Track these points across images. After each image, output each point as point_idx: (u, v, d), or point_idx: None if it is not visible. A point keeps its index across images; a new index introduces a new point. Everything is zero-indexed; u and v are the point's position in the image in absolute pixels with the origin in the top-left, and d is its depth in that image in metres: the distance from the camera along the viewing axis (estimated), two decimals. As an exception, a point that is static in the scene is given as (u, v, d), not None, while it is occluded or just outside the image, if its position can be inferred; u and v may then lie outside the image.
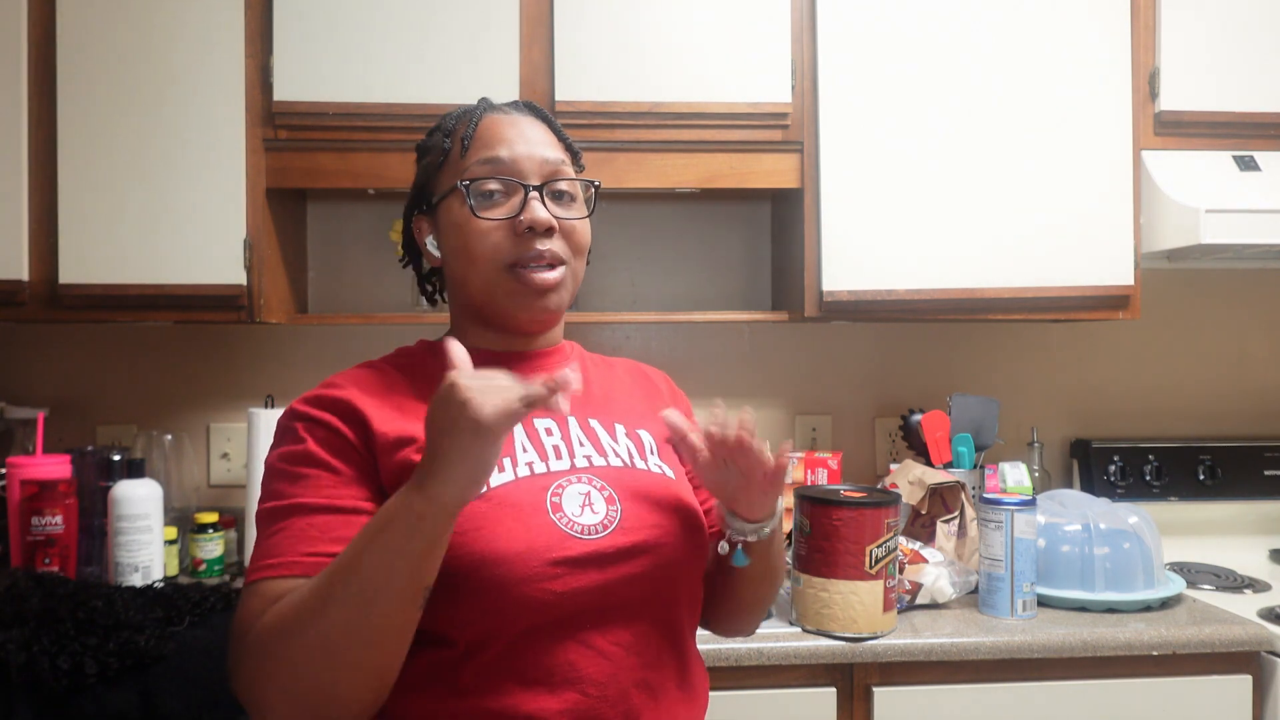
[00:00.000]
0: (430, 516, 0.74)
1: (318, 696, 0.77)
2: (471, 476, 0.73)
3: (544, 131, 0.99)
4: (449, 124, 0.99)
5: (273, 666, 0.77)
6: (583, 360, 1.06)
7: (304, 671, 0.76)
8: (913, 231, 1.73)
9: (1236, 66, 1.78)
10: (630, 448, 0.96)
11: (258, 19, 1.67)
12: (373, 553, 0.74)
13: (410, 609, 0.76)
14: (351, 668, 0.76)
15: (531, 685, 0.83)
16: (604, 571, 0.85)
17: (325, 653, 0.75)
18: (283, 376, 2.01)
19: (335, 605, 0.74)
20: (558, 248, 0.94)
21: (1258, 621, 1.51)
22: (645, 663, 0.88)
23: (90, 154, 1.64)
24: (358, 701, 0.78)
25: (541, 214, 0.92)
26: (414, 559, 0.74)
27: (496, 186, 0.94)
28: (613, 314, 1.90)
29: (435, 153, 0.99)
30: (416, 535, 0.74)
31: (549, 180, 0.95)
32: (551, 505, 0.87)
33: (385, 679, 0.79)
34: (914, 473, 1.75)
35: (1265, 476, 2.04)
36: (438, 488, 0.73)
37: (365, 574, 0.74)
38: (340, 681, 0.76)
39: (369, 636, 0.75)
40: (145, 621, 1.29)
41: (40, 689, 1.20)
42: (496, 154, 0.94)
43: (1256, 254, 1.89)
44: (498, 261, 0.93)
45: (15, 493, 1.62)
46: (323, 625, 0.75)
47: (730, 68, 1.72)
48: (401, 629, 0.77)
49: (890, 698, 1.42)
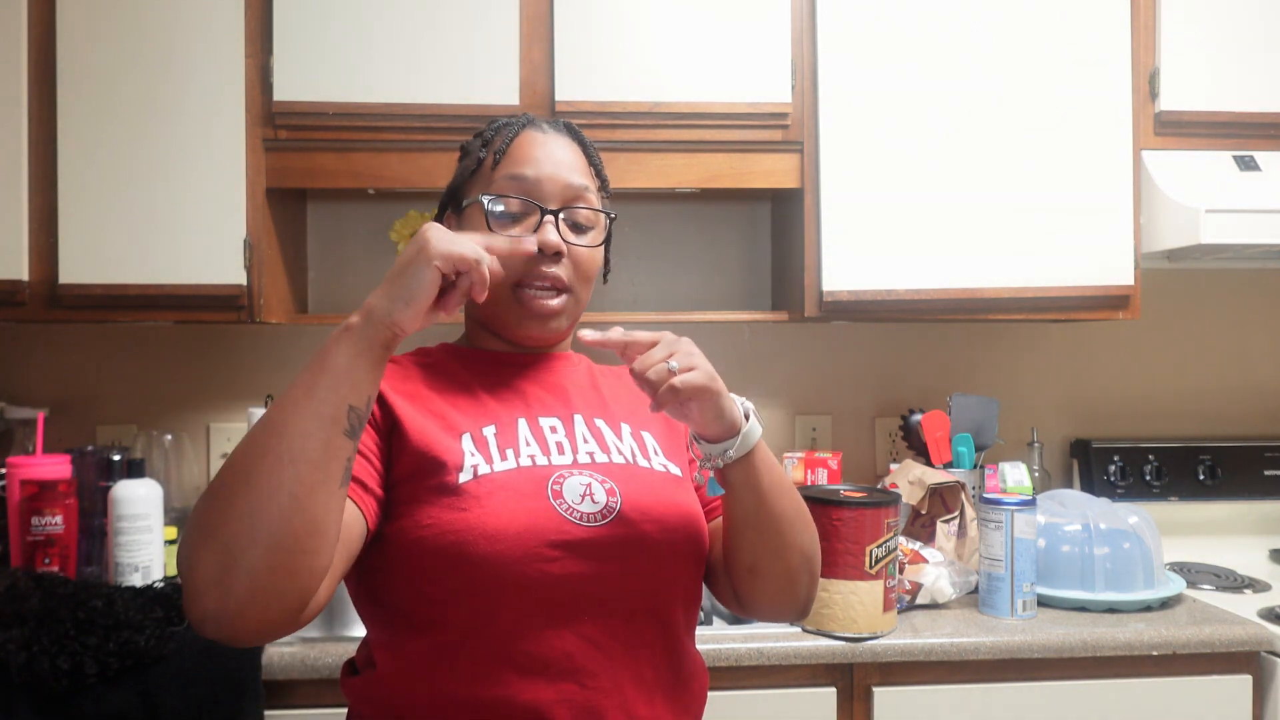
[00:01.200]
0: (357, 326, 0.78)
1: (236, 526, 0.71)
2: (401, 292, 0.78)
3: (575, 155, 1.00)
4: (489, 133, 1.02)
5: (200, 509, 0.73)
6: (590, 370, 1.07)
7: (228, 492, 0.72)
8: (913, 231, 1.73)
9: (1236, 66, 1.79)
10: (634, 447, 0.97)
11: (258, 19, 1.67)
12: (301, 374, 0.76)
13: (333, 430, 0.74)
14: (269, 486, 0.72)
15: (528, 675, 0.84)
16: (602, 561, 0.86)
17: (250, 468, 0.72)
18: (283, 376, 2.01)
19: (259, 429, 0.74)
20: (564, 273, 0.96)
21: (1258, 621, 1.51)
22: (640, 657, 0.88)
23: (90, 154, 1.64)
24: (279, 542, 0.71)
25: (552, 237, 0.94)
26: (336, 373, 0.76)
27: (516, 206, 0.96)
28: (613, 314, 1.90)
29: (471, 158, 1.01)
30: (342, 344, 0.77)
31: (567, 206, 0.97)
32: (552, 492, 0.88)
33: (308, 517, 0.73)
34: (914, 473, 1.75)
35: (1265, 476, 2.04)
36: (372, 299, 0.79)
37: (290, 394, 0.75)
38: (261, 501, 0.71)
39: (294, 447, 0.73)
40: (145, 621, 1.29)
41: (40, 689, 1.20)
42: (523, 172, 0.96)
43: (1256, 254, 1.89)
44: (505, 279, 0.94)
45: (15, 493, 1.62)
46: (249, 446, 0.74)
47: (730, 68, 1.72)
48: (326, 450, 0.74)
49: (890, 698, 1.42)
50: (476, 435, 0.91)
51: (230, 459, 0.75)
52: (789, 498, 0.92)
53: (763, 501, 0.90)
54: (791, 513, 0.92)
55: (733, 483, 0.89)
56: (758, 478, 0.89)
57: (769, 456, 0.91)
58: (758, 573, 0.93)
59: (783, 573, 0.93)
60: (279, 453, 0.73)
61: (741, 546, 0.93)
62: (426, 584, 0.85)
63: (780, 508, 0.91)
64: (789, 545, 0.92)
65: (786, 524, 0.92)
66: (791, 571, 0.93)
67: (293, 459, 0.73)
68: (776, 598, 0.95)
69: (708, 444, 0.87)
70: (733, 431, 0.86)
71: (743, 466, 0.88)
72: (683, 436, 1.03)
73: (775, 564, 0.93)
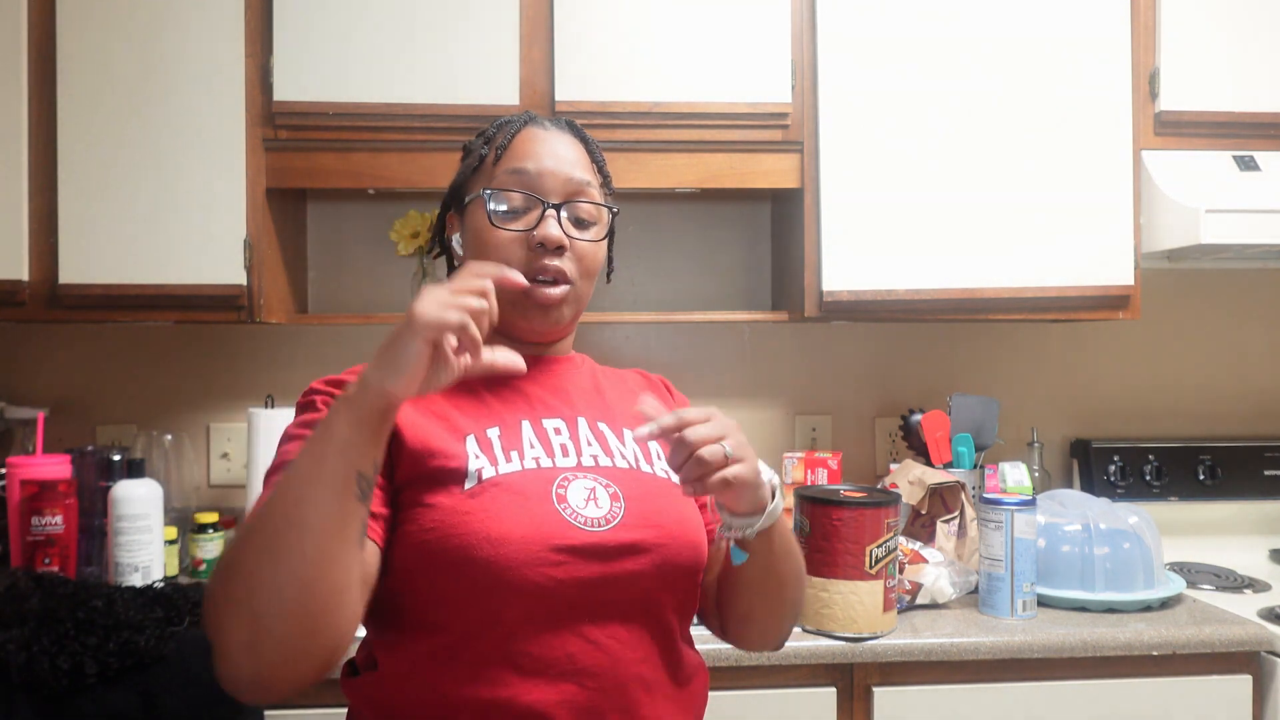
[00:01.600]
0: (354, 398, 0.76)
1: (263, 599, 0.72)
2: (391, 363, 0.75)
3: (577, 151, 1.01)
4: (491, 130, 1.02)
5: (225, 577, 0.74)
6: (592, 370, 1.07)
7: (249, 568, 0.73)
8: (913, 231, 1.73)
9: (1236, 66, 1.79)
10: (637, 452, 0.97)
11: (258, 19, 1.67)
12: (309, 445, 0.76)
13: (347, 494, 0.75)
14: (294, 556, 0.72)
15: (530, 676, 0.83)
16: (605, 565, 0.86)
17: (270, 543, 0.73)
18: (283, 376, 2.01)
19: (276, 500, 0.75)
20: (566, 266, 0.96)
21: (1258, 621, 1.51)
22: (640, 659, 0.88)
23: (90, 154, 1.64)
24: (305, 609, 0.73)
25: (554, 231, 0.94)
26: (340, 443, 0.75)
27: (518, 200, 0.96)
28: (613, 314, 1.90)
29: (473, 156, 1.02)
30: (342, 414, 0.76)
31: (569, 200, 0.97)
32: (556, 496, 0.88)
33: (331, 580, 0.74)
34: (914, 473, 1.75)
35: (1265, 476, 2.04)
36: (368, 369, 0.77)
37: (301, 465, 0.75)
38: (283, 575, 0.72)
39: (309, 519, 0.73)
40: (145, 621, 1.29)
41: (40, 689, 1.20)
42: (523, 166, 0.97)
43: (1256, 254, 1.89)
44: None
45: (15, 493, 1.62)
46: (265, 521, 0.75)
47: (730, 68, 1.72)
48: (340, 518, 0.75)
49: (890, 698, 1.42)
50: (481, 437, 0.91)
51: (249, 527, 0.75)
52: (793, 560, 0.97)
53: (770, 567, 0.94)
54: (793, 575, 0.97)
55: (752, 549, 0.92)
56: (771, 547, 0.93)
57: (784, 525, 0.94)
58: (750, 620, 1.00)
59: (774, 623, 1.01)
60: (296, 523, 0.73)
61: (740, 598, 0.98)
62: (429, 586, 0.85)
63: (784, 571, 0.96)
64: (784, 600, 0.99)
65: (788, 586, 0.98)
66: (781, 620, 1.01)
67: (310, 529, 0.73)
68: (761, 639, 1.03)
69: (730, 515, 0.89)
70: (758, 509, 0.89)
71: (761, 537, 0.91)
72: None
73: (768, 616, 1.00)
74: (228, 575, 0.74)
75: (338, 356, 2.00)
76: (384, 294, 2.03)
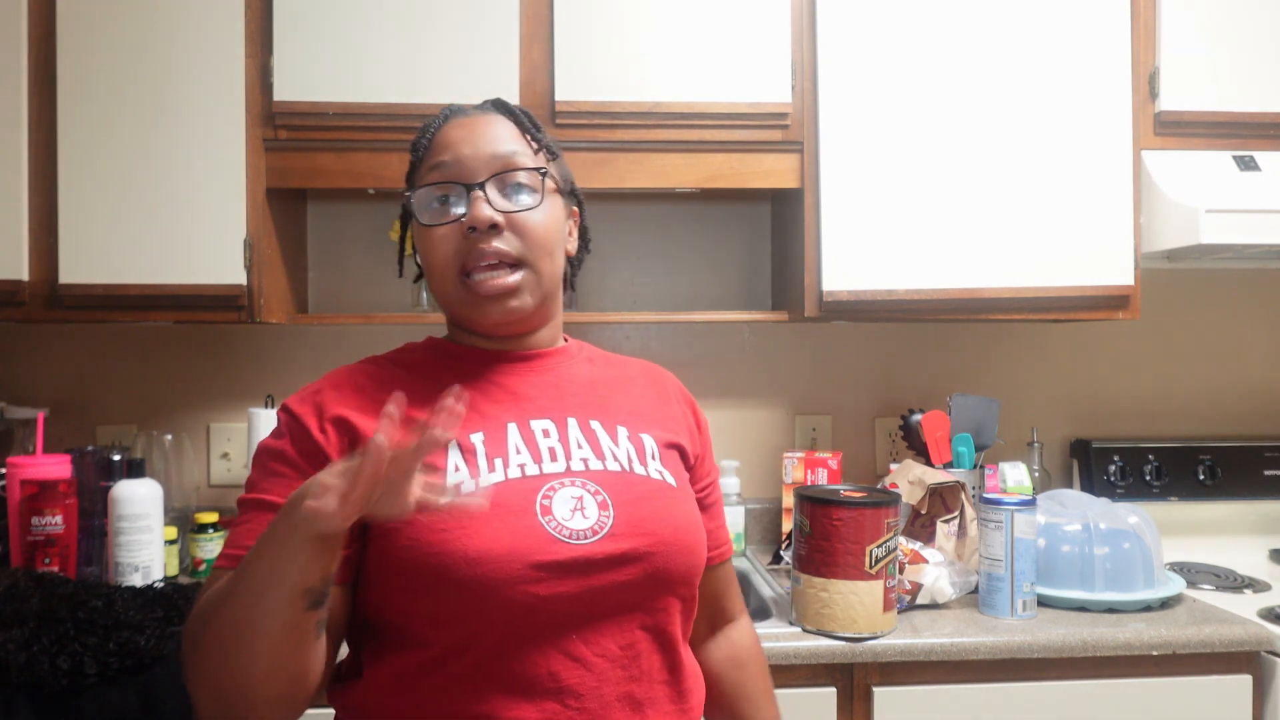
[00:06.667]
0: (288, 521, 0.71)
1: (227, 684, 0.76)
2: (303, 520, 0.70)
3: (503, 127, 0.94)
4: (417, 135, 0.97)
5: (194, 653, 0.78)
6: (590, 359, 1.03)
7: (213, 657, 0.76)
8: (913, 231, 1.73)
9: (1236, 66, 1.79)
10: (630, 451, 0.93)
11: (258, 19, 1.67)
12: (261, 550, 0.74)
13: (296, 606, 0.73)
14: (250, 655, 0.74)
15: (511, 693, 0.81)
16: (589, 578, 0.83)
17: (227, 641, 0.75)
18: (283, 376, 2.01)
19: (234, 597, 0.75)
20: (509, 245, 0.90)
21: (1258, 621, 1.51)
22: (632, 675, 0.86)
23: (90, 154, 1.64)
24: (268, 694, 0.76)
25: (482, 211, 0.89)
26: (285, 563, 0.72)
27: (443, 192, 0.92)
28: (613, 314, 1.90)
29: (410, 165, 0.97)
30: (280, 537, 0.72)
31: (497, 174, 0.91)
32: (541, 508, 0.84)
33: (291, 670, 0.76)
34: (914, 473, 1.75)
35: (1265, 476, 2.04)
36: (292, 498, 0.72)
37: (255, 570, 0.74)
38: (243, 670, 0.75)
39: (262, 625, 0.73)
40: (145, 621, 1.29)
41: (40, 689, 1.20)
42: (442, 159, 0.92)
43: (1256, 254, 1.89)
44: (452, 271, 0.91)
45: (15, 493, 1.62)
46: (224, 614, 0.75)
47: (730, 68, 1.72)
48: (293, 624, 0.74)
49: (890, 698, 1.42)
50: (464, 443, 0.87)
51: (214, 616, 0.76)
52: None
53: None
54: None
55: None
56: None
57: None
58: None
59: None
60: (254, 625, 0.74)
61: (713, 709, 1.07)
62: (408, 602, 0.83)
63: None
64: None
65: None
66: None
67: (267, 632, 0.74)
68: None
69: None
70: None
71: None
72: (685, 438, 1.01)
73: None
74: (194, 652, 0.78)
75: (338, 356, 2.00)
76: (384, 294, 2.03)
